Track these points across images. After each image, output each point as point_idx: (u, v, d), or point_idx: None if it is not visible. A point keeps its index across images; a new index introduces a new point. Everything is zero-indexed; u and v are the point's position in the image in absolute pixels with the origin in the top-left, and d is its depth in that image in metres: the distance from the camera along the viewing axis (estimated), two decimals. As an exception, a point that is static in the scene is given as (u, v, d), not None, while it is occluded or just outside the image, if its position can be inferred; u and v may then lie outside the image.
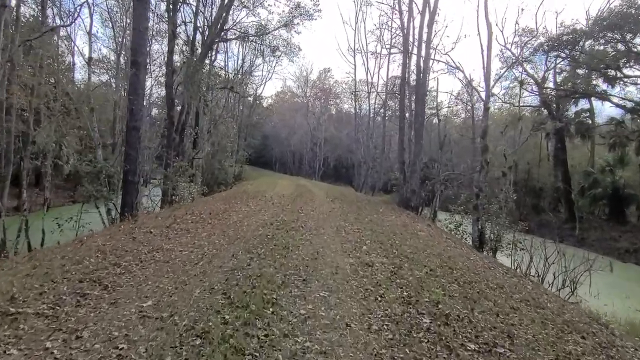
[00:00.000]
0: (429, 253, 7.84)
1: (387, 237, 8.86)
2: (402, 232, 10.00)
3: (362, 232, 9.12)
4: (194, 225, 8.47)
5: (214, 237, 7.50)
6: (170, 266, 5.59)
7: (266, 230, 8.18)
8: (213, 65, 24.21)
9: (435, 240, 9.81)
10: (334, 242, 7.84)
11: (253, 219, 9.50)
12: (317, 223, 9.65)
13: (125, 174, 13.92)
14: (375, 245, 7.91)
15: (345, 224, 10.10)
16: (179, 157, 19.18)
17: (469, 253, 9.43)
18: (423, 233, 10.43)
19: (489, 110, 17.17)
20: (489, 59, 16.25)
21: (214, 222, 9.03)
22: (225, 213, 10.26)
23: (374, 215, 12.48)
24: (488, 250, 15.64)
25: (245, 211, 10.70)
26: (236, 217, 9.68)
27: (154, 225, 8.28)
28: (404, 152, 20.40)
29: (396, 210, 15.81)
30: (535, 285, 7.91)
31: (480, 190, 16.73)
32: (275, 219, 9.51)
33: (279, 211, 10.98)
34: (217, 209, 10.92)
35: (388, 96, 31.79)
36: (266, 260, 5.90)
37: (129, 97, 14.54)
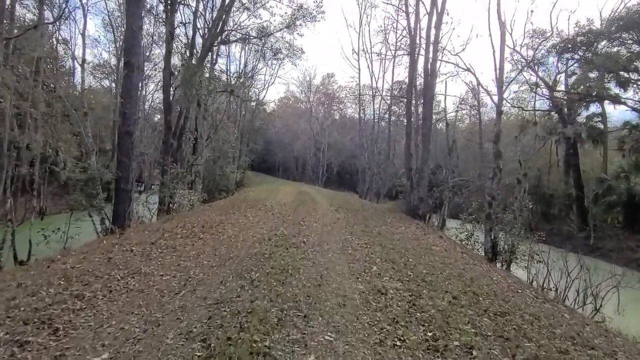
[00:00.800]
0: (448, 274, 6.83)
1: (399, 254, 7.86)
2: (414, 247, 9.01)
3: (371, 248, 8.14)
4: (182, 241, 7.51)
5: (203, 256, 6.53)
6: (144, 297, 4.63)
7: (263, 247, 7.20)
8: (214, 68, 23.38)
9: (451, 256, 8.81)
10: (340, 261, 6.86)
11: (250, 233, 8.53)
12: (321, 237, 8.67)
13: (117, 181, 13.08)
14: (387, 264, 6.92)
15: (352, 237, 9.12)
16: (176, 163, 18.33)
17: (490, 271, 8.41)
18: (437, 247, 9.43)
19: (502, 114, 16.17)
20: (502, 59, 15.28)
21: (206, 236, 8.07)
22: (220, 226, 9.30)
23: (382, 227, 11.49)
24: (502, 263, 14.64)
25: (242, 223, 9.73)
26: (231, 231, 8.71)
27: (138, 241, 7.33)
28: (411, 158, 19.42)
29: (404, 220, 14.81)
30: (570, 311, 6.87)
31: (493, 198, 15.69)
32: (274, 233, 8.54)
33: (279, 223, 10.01)
34: (212, 220, 9.97)
35: (393, 101, 30.86)
36: (260, 288, 4.92)
37: (122, 100, 13.70)
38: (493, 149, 15.64)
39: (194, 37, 19.27)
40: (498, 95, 15.66)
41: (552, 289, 12.59)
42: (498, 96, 15.65)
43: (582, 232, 24.34)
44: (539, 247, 14.15)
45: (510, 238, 14.48)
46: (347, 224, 11.12)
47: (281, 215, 11.38)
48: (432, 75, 18.65)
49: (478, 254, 14.77)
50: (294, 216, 11.45)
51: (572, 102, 24.43)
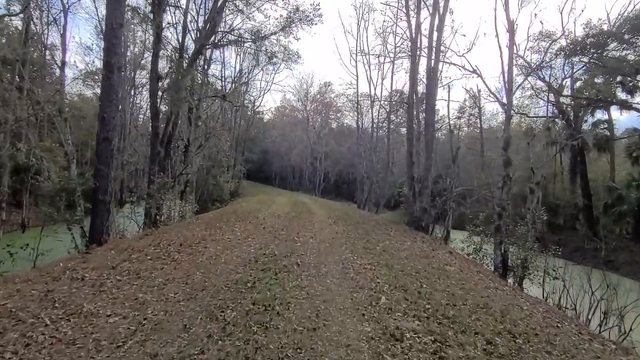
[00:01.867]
0: (473, 305, 5.55)
1: (410, 278, 6.57)
2: (425, 267, 7.72)
3: (377, 270, 6.84)
4: (150, 265, 6.20)
5: (171, 285, 5.23)
6: (72, 354, 3.32)
7: (247, 272, 5.90)
8: (207, 73, 22.22)
9: (469, 279, 7.52)
10: (341, 289, 5.56)
11: (234, 253, 7.22)
12: (317, 257, 7.37)
13: (94, 192, 11.78)
14: (398, 293, 5.63)
15: (353, 256, 7.82)
16: (164, 172, 17.05)
17: (517, 298, 7.12)
18: (450, 267, 8.14)
19: (511, 119, 15.05)
20: (511, 59, 14.18)
21: (182, 257, 6.76)
22: (202, 243, 7.98)
23: (385, 242, 10.20)
24: (515, 279, 13.38)
25: (227, 240, 8.42)
26: (213, 250, 7.40)
27: (97, 265, 6.02)
28: (413, 167, 18.20)
29: (408, 233, 13.53)
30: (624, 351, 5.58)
31: (503, 209, 14.47)
32: (263, 253, 7.24)
33: (270, 239, 8.70)
34: (194, 236, 8.66)
35: (392, 108, 29.76)
36: (234, 336, 3.63)
37: (100, 103, 12.47)
38: (502, 156, 14.46)
39: (183, 39, 18.14)
40: (507, 98, 14.55)
41: (569, 307, 11.36)
42: (507, 99, 14.53)
43: (590, 243, 23.13)
44: (554, 262, 12.98)
45: (524, 252, 13.26)
46: (347, 239, 9.82)
47: (273, 230, 10.08)
48: (433, 78, 17.57)
49: (488, 269, 13.54)
50: (287, 231, 10.15)
51: (579, 107, 23.39)
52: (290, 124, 54.99)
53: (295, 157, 51.07)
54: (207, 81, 24.75)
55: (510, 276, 13.93)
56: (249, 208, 16.59)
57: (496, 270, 13.98)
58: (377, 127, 33.96)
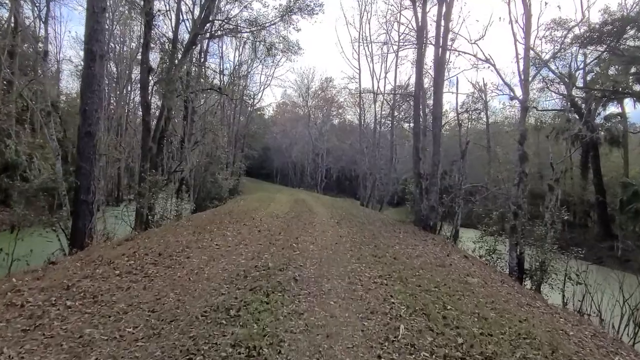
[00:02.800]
0: (514, 334, 4.38)
1: (431, 297, 5.41)
2: (444, 279, 6.55)
3: (389, 286, 5.68)
4: (116, 283, 5.05)
5: (133, 314, 4.07)
6: None
7: (233, 292, 4.75)
8: (202, 66, 21.00)
9: (497, 294, 6.36)
10: (348, 315, 4.41)
11: (221, 265, 6.07)
12: (319, 269, 6.22)
13: (76, 192, 10.69)
14: (419, 320, 4.47)
15: (361, 266, 6.66)
16: (156, 170, 15.95)
17: (557, 318, 5.94)
18: (473, 279, 6.97)
19: (527, 110, 13.83)
20: (527, 47, 12.91)
21: (157, 272, 5.61)
22: (185, 252, 6.83)
23: (395, 247, 9.04)
24: (533, 284, 12.22)
25: (215, 248, 7.26)
26: (196, 261, 6.24)
27: (49, 284, 4.88)
28: (420, 162, 16.98)
29: (417, 235, 12.37)
30: None
31: (519, 207, 13.27)
32: (254, 264, 6.08)
33: (265, 246, 7.54)
34: (177, 243, 7.50)
35: (396, 103, 28.46)
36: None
37: (82, 94, 11.34)
38: (518, 151, 13.24)
39: (177, 29, 16.92)
40: (522, 89, 13.31)
41: (593, 314, 10.22)
42: (523, 90, 13.30)
43: (604, 241, 21.93)
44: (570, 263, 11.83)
45: (543, 255, 12.08)
46: (352, 244, 8.66)
47: (269, 234, 8.92)
48: (442, 70, 16.37)
49: (509, 276, 12.39)
50: (285, 234, 8.99)
51: (591, 100, 22.10)
52: (292, 120, 53.69)
53: (297, 154, 49.86)
54: (205, 74, 23.58)
55: (526, 279, 12.82)
56: (246, 207, 15.45)
57: (511, 273, 12.86)
58: (380, 123, 32.66)
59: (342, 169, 52.59)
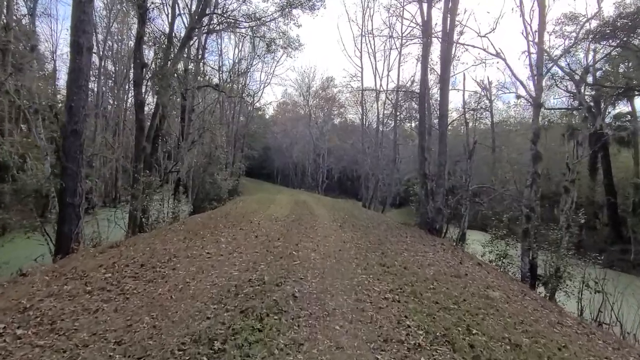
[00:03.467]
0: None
1: (451, 317, 4.64)
2: (462, 293, 5.78)
3: (403, 304, 4.91)
4: (84, 303, 4.29)
5: (93, 349, 3.30)
6: None
7: (219, 315, 3.98)
8: (200, 63, 20.22)
9: (523, 311, 5.58)
10: (358, 344, 3.64)
11: (210, 279, 5.30)
12: (322, 282, 5.45)
13: (61, 194, 9.95)
14: (442, 349, 3.70)
15: (368, 278, 5.90)
16: (150, 170, 15.22)
17: (594, 340, 5.17)
18: (494, 292, 6.18)
19: (541, 108, 13.04)
20: (541, 37, 12.13)
21: (135, 288, 4.85)
22: (172, 262, 6.07)
23: (404, 254, 8.27)
24: (548, 291, 11.44)
25: (206, 256, 6.49)
26: (183, 274, 5.48)
27: (6, 305, 4.12)
28: (425, 163, 16.21)
29: (425, 239, 11.60)
30: None
31: (532, 210, 12.50)
32: (248, 277, 5.31)
33: (261, 255, 6.77)
34: (164, 251, 6.74)
35: (399, 99, 27.64)
36: None
37: (68, 90, 10.58)
38: (531, 150, 12.47)
39: (172, 23, 16.17)
40: (536, 83, 12.53)
41: (612, 324, 9.46)
42: (536, 85, 12.53)
43: (615, 244, 21.11)
44: (595, 271, 11.07)
45: (559, 261, 11.32)
46: (357, 251, 7.88)
47: (267, 240, 8.15)
48: (446, 65, 15.59)
49: (515, 277, 11.64)
50: (284, 240, 8.22)
51: (600, 98, 21.27)
52: (292, 119, 52.85)
53: (298, 154, 49.02)
54: (203, 72, 22.81)
55: (539, 285, 12.06)
56: (245, 209, 14.69)
57: (523, 280, 12.11)
58: (383, 122, 31.84)
59: (343, 169, 51.78)
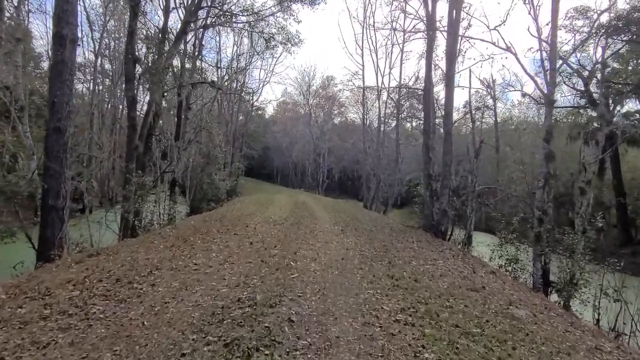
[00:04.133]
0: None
1: (476, 345, 3.88)
2: (484, 313, 5.02)
3: (417, 328, 4.15)
4: (37, 331, 3.54)
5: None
6: None
7: (198, 349, 3.22)
8: (196, 59, 19.45)
9: (555, 333, 4.83)
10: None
11: (194, 298, 4.54)
12: (323, 301, 4.69)
13: (43, 196, 9.22)
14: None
15: (376, 295, 5.14)
16: (143, 170, 14.48)
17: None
18: (519, 311, 5.41)
19: (554, 104, 12.28)
20: (555, 29, 11.35)
21: (104, 310, 4.09)
22: (152, 275, 5.31)
23: (412, 263, 7.51)
24: (562, 299, 10.69)
25: (192, 268, 5.73)
26: (162, 291, 4.72)
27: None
28: (430, 162, 15.44)
29: (432, 244, 10.84)
30: None
31: (544, 213, 11.73)
32: (238, 296, 4.55)
33: (256, 265, 6.02)
34: (146, 262, 5.98)
35: (402, 97, 26.86)
36: None
37: (50, 85, 9.86)
38: (543, 149, 11.70)
39: (166, 17, 15.41)
40: (548, 79, 11.76)
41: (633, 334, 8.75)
42: (548, 80, 11.75)
43: (625, 247, 20.39)
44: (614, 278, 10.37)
45: (576, 267, 10.57)
46: (361, 260, 7.13)
47: (263, 247, 7.39)
48: (453, 61, 14.84)
49: (527, 284, 10.90)
50: (282, 247, 7.47)
51: (609, 96, 20.53)
52: (292, 119, 52.04)
53: (297, 153, 48.20)
54: (200, 68, 22.06)
55: (552, 292, 11.31)
56: (242, 211, 13.94)
57: (535, 286, 11.35)
58: (384, 121, 31.04)
59: (344, 169, 51.03)
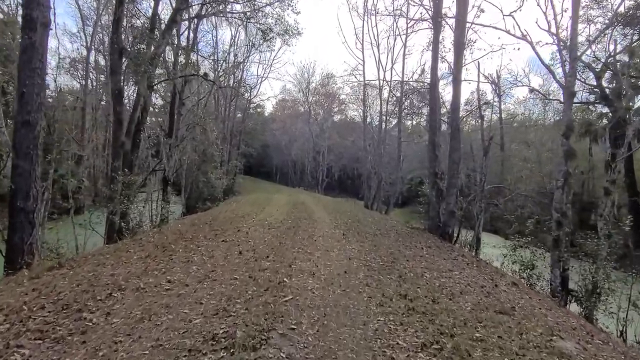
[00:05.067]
0: None
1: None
2: (523, 347, 3.99)
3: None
4: None
5: None
6: None
7: None
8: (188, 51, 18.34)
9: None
10: None
11: (155, 334, 3.49)
12: (322, 335, 3.65)
13: (11, 197, 8.16)
14: None
15: (388, 321, 4.09)
16: (131, 169, 13.44)
17: None
18: (566, 343, 4.35)
19: (574, 96, 11.24)
20: (576, 15, 10.29)
21: (29, 357, 3.05)
22: (111, 298, 4.25)
23: (425, 276, 6.46)
24: (582, 309, 9.66)
25: (164, 289, 4.67)
26: (118, 323, 3.66)
27: None
28: (436, 160, 14.38)
29: (442, 250, 9.79)
30: None
31: (564, 215, 10.69)
32: (213, 332, 3.50)
33: (242, 283, 4.97)
34: (111, 279, 4.92)
35: (405, 93, 25.72)
36: None
37: (19, 73, 8.73)
38: (563, 146, 10.67)
39: (156, 6, 14.32)
40: (567, 69, 10.70)
41: None
42: (568, 70, 10.69)
43: (638, 249, 19.34)
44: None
45: (599, 274, 9.53)
46: (367, 272, 6.07)
47: (254, 258, 6.34)
48: (461, 52, 13.77)
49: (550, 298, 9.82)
50: (276, 258, 6.42)
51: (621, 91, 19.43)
52: (291, 116, 50.91)
53: (297, 151, 47.10)
54: (196, 62, 20.96)
55: (571, 302, 10.27)
56: (236, 212, 12.89)
57: (554, 295, 10.31)
58: (386, 118, 29.92)
59: (343, 167, 49.97)
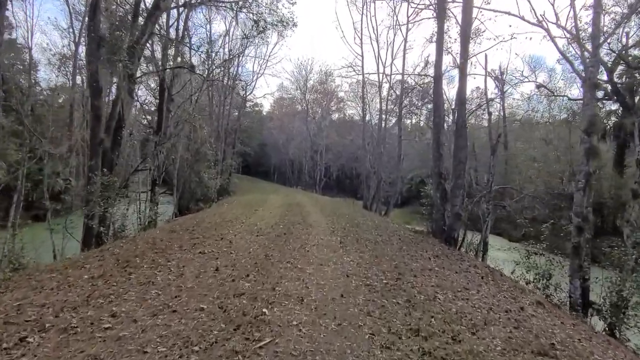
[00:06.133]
0: None
1: None
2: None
3: None
4: None
5: None
6: None
7: None
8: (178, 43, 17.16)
9: None
10: None
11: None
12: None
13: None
14: None
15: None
16: (111, 169, 12.30)
17: None
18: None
19: (597, 88, 10.13)
20: (600, 0, 9.19)
21: None
22: (16, 350, 3.13)
23: (438, 297, 5.33)
24: (606, 323, 8.54)
25: (98, 332, 3.53)
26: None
27: None
28: (441, 160, 13.25)
29: (450, 259, 8.67)
30: None
31: (585, 220, 9.59)
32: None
33: (207, 318, 3.84)
34: (33, 315, 3.79)
35: (407, 90, 24.60)
36: None
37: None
38: (584, 143, 9.57)
39: (139, -7, 13.14)
40: (589, 57, 9.60)
41: None
42: (589, 59, 9.58)
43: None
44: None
45: (627, 286, 8.42)
46: (367, 294, 4.94)
47: (231, 277, 5.21)
48: (466, 44, 12.66)
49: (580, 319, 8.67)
50: (258, 276, 5.28)
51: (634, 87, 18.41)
52: (289, 115, 49.73)
53: (294, 150, 45.94)
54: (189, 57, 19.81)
55: (592, 315, 9.14)
56: (224, 216, 11.75)
57: (573, 309, 9.24)
58: (385, 116, 28.76)
59: (342, 166, 48.85)
